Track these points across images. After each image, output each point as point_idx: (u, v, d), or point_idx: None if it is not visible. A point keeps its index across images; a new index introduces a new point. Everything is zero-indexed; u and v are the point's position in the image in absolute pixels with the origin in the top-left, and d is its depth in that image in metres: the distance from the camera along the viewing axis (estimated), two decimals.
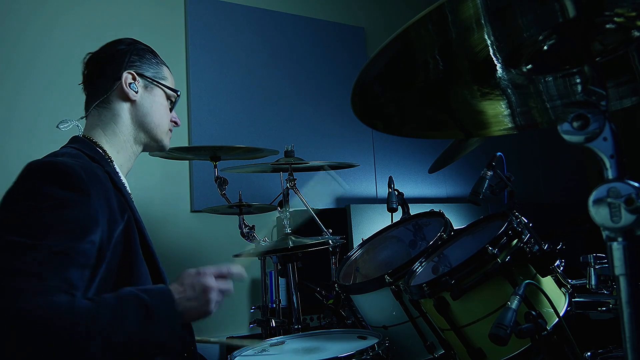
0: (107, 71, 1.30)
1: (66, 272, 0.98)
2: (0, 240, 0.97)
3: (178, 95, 1.41)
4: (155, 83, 1.35)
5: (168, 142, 1.42)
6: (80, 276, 1.01)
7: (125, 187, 1.28)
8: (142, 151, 1.41)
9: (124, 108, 1.31)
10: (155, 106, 1.35)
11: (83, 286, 1.02)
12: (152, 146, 1.39)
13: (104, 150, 1.28)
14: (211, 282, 1.14)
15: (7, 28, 2.73)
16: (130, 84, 1.30)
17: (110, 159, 1.28)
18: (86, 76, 1.34)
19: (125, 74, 1.29)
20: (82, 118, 1.34)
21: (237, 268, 1.23)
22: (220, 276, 1.18)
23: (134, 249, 1.16)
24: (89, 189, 1.07)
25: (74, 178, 1.06)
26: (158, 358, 1.06)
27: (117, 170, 1.29)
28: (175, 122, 1.43)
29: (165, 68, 1.40)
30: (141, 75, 1.33)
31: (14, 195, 1.06)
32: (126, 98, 1.30)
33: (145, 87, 1.34)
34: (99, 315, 0.96)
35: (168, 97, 1.40)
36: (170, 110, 1.41)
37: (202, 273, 1.15)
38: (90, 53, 1.36)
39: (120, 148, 1.32)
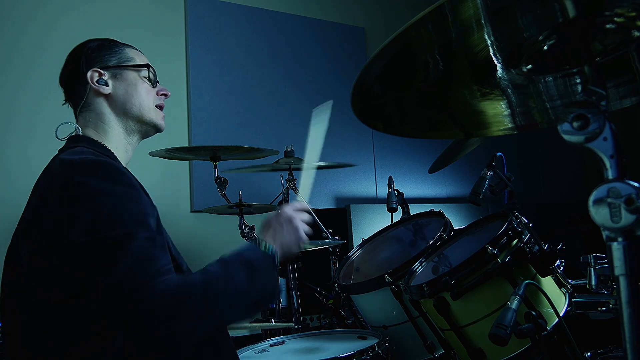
0: (74, 79, 1.34)
1: (164, 254, 1.10)
2: (94, 238, 1.03)
3: (149, 68, 1.40)
4: (122, 68, 1.36)
5: (161, 121, 1.41)
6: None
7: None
8: (142, 138, 1.41)
9: (102, 104, 1.33)
10: (130, 89, 1.36)
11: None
12: (148, 130, 1.40)
13: (106, 147, 1.29)
14: (291, 212, 1.31)
15: (7, 28, 2.73)
16: (97, 80, 1.32)
17: (113, 154, 1.30)
18: (65, 91, 1.38)
19: (89, 74, 1.31)
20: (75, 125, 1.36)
21: (302, 203, 1.39)
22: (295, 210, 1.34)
23: (164, 238, 1.20)
24: (135, 183, 1.17)
25: (123, 175, 1.15)
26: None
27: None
28: (165, 94, 1.42)
29: (128, 50, 1.40)
30: (106, 68, 1.34)
31: (65, 193, 1.09)
32: (100, 94, 1.33)
33: (115, 76, 1.35)
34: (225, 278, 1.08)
35: (143, 76, 1.39)
36: (154, 85, 1.40)
37: (281, 211, 1.32)
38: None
39: (118, 143, 1.34)
